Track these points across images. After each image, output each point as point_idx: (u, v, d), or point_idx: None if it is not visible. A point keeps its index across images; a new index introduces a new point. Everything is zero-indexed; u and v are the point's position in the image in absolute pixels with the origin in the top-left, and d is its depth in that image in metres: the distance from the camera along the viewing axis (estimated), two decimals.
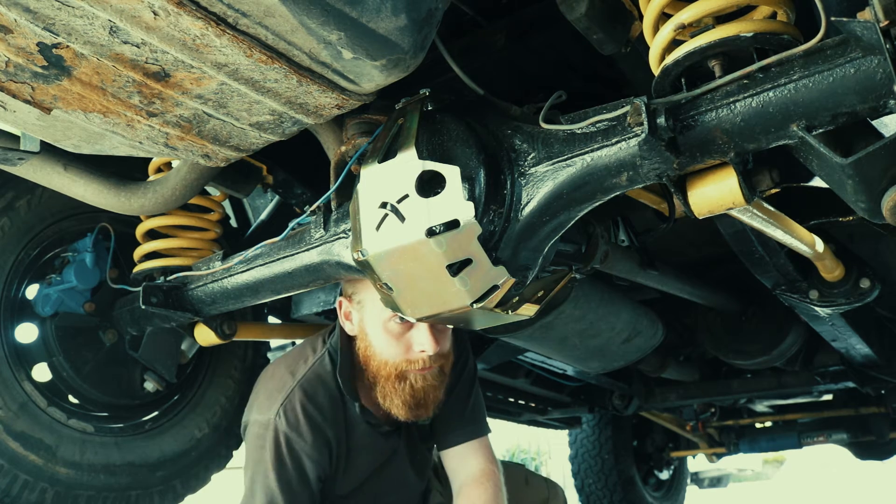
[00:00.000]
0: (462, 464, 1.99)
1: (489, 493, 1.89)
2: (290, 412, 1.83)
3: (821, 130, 1.10)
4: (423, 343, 1.78)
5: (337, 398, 1.90)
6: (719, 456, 5.37)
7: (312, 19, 1.01)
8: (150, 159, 2.01)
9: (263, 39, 1.08)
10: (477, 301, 1.32)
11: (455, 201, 1.24)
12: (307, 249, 1.65)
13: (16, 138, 1.51)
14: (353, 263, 1.50)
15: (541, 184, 1.31)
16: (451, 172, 1.26)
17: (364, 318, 1.85)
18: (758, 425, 5.26)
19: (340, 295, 1.94)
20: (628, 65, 1.45)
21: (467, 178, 1.31)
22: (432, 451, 2.19)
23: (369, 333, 1.84)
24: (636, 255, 2.07)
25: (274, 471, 1.79)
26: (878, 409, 4.53)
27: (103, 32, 1.06)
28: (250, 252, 1.78)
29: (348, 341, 1.94)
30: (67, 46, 1.09)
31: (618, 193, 1.29)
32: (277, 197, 2.35)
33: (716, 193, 1.23)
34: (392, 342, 1.80)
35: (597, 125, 1.25)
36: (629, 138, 1.20)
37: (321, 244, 1.63)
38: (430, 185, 1.28)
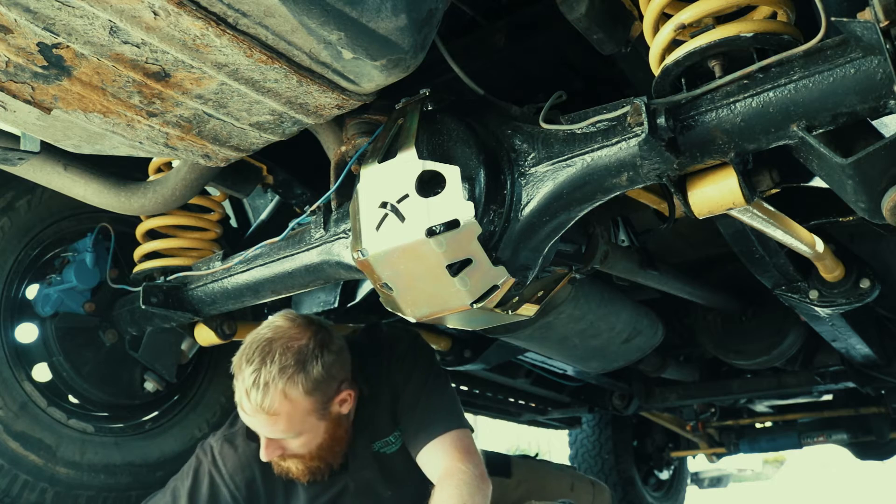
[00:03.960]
0: (430, 467, 1.88)
1: (447, 492, 1.73)
2: (226, 443, 2.01)
3: (821, 130, 1.10)
4: (260, 450, 1.86)
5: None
6: (719, 456, 5.36)
7: (312, 19, 1.01)
8: (150, 159, 2.01)
9: (263, 39, 1.08)
10: (477, 301, 1.32)
11: (455, 201, 1.25)
12: (307, 249, 1.65)
13: (16, 138, 1.51)
14: (352, 263, 1.50)
15: (541, 184, 1.31)
16: (451, 172, 1.26)
17: None
18: (758, 425, 5.26)
19: None
20: (628, 65, 1.45)
21: (467, 178, 1.31)
22: (408, 483, 2.07)
23: None
24: (636, 255, 2.07)
25: (190, 482, 1.96)
26: (878, 409, 4.52)
27: (103, 32, 1.06)
28: (250, 252, 1.78)
29: None
30: (67, 46, 1.09)
31: (618, 193, 1.29)
32: (277, 197, 2.35)
33: (716, 193, 1.23)
34: None
35: (597, 125, 1.25)
36: (629, 138, 1.20)
37: (321, 244, 1.63)
38: (430, 184, 1.29)
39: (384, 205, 1.31)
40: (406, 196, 1.29)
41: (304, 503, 2.00)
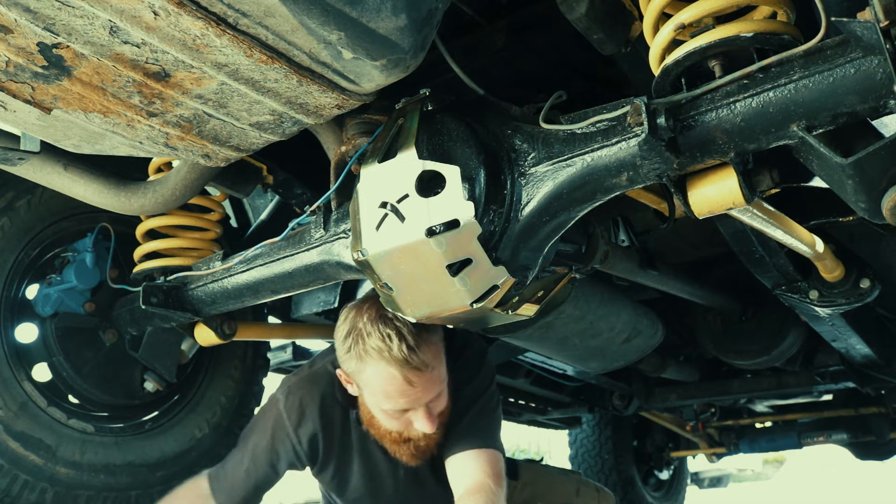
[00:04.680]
0: (460, 474, 1.89)
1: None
2: (292, 396, 2.01)
3: (821, 130, 1.10)
4: (423, 426, 1.82)
5: (340, 404, 2.01)
6: (719, 456, 5.36)
7: (312, 19, 1.01)
8: (150, 159, 2.01)
9: (263, 39, 1.08)
10: (477, 301, 1.32)
11: (455, 201, 1.24)
12: (307, 249, 1.65)
13: (16, 138, 1.51)
14: (352, 263, 1.50)
15: (541, 184, 1.31)
16: (451, 172, 1.26)
17: (364, 397, 1.89)
18: (758, 425, 5.26)
19: (339, 366, 1.92)
20: (628, 65, 1.45)
21: (467, 178, 1.31)
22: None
23: (371, 409, 1.89)
24: (636, 255, 2.07)
25: (259, 434, 2.01)
26: (878, 409, 4.53)
27: (103, 32, 1.06)
28: (250, 252, 1.78)
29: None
30: (67, 46, 1.09)
31: (618, 193, 1.29)
32: (277, 197, 2.35)
33: (716, 193, 1.23)
34: (393, 421, 1.86)
35: (597, 125, 1.25)
36: (629, 138, 1.20)
37: (321, 244, 1.63)
38: (430, 184, 1.28)
39: (384, 205, 1.31)
40: (406, 196, 1.29)
41: (357, 477, 2.03)
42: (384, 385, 1.76)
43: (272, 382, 2.65)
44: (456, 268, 1.29)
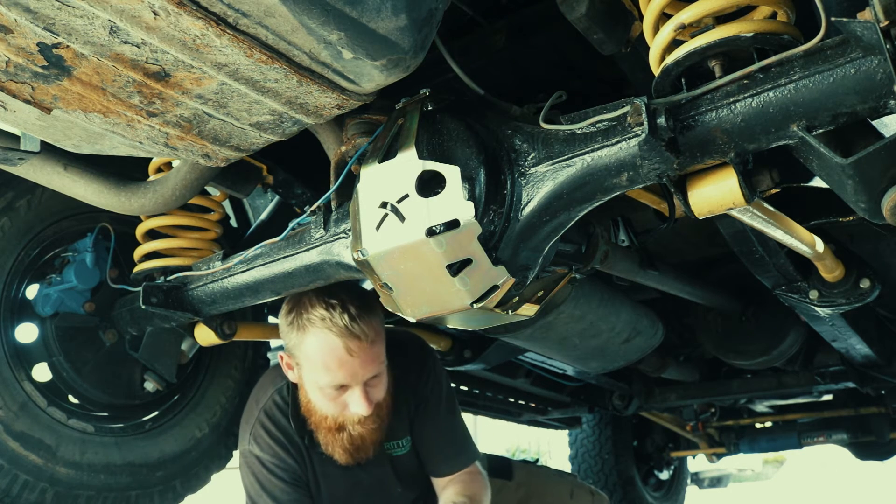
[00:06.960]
0: (457, 492, 2.01)
1: None
2: (258, 437, 2.01)
3: (821, 130, 1.10)
4: (357, 407, 1.83)
5: (291, 431, 2.01)
6: (719, 456, 5.36)
7: (313, 19, 1.01)
8: (150, 159, 2.01)
9: (263, 39, 1.08)
10: (477, 301, 1.32)
11: (455, 201, 1.25)
12: (307, 249, 1.65)
13: (16, 138, 1.51)
14: (353, 263, 1.50)
15: (541, 184, 1.31)
16: (451, 172, 1.26)
17: (303, 377, 1.90)
18: (758, 425, 5.26)
19: (283, 349, 1.94)
20: (628, 65, 1.45)
21: (467, 178, 1.31)
22: (416, 481, 2.16)
23: (308, 391, 1.90)
24: (636, 255, 2.07)
25: (264, 493, 1.96)
26: (878, 409, 4.53)
27: (103, 32, 1.06)
28: (250, 252, 1.78)
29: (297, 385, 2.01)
30: (67, 46, 1.09)
31: (618, 193, 1.29)
32: (277, 197, 2.35)
33: (716, 193, 1.23)
34: (329, 402, 1.87)
35: (597, 125, 1.25)
36: (629, 138, 1.20)
37: (321, 244, 1.63)
38: (430, 184, 1.29)
39: (384, 205, 1.31)
40: (406, 196, 1.29)
41: (326, 499, 2.04)
42: (324, 356, 1.78)
43: None
44: (456, 268, 1.29)
